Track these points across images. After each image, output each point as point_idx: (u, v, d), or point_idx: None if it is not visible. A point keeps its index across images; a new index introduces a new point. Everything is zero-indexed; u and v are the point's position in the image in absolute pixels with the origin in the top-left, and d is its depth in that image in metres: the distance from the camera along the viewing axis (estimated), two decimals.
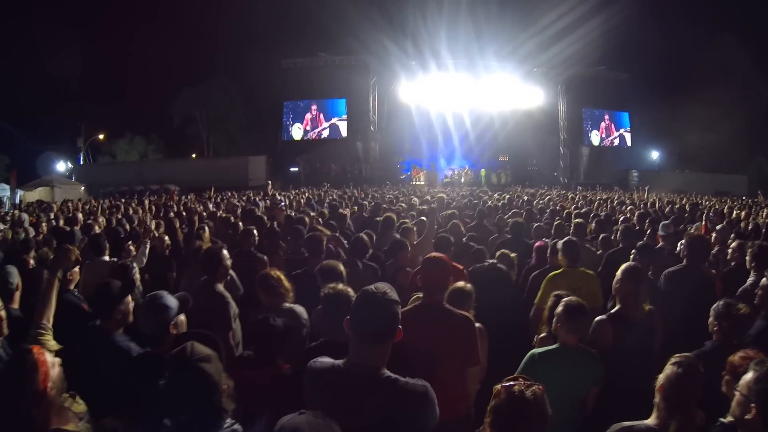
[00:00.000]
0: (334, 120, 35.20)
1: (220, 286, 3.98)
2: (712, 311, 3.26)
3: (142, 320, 2.82)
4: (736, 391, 2.15)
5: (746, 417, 2.06)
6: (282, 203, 12.64)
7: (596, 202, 13.57)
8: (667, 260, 5.33)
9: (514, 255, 5.27)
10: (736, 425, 2.14)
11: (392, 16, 31.29)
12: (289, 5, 34.13)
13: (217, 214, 9.12)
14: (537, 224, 7.27)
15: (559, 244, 4.82)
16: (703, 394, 2.30)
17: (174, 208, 11.27)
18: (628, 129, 38.95)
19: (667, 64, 39.46)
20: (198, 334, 2.34)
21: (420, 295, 3.17)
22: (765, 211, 11.16)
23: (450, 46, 31.57)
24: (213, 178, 24.64)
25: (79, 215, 9.43)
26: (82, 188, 28.19)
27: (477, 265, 4.94)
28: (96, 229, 7.50)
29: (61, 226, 8.04)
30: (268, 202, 13.14)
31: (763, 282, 3.71)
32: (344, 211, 8.64)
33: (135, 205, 12.68)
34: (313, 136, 35.46)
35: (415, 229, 6.54)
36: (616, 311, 3.58)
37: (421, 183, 30.96)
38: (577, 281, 4.45)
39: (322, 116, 35.28)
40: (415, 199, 12.92)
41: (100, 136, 39.32)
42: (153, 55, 38.18)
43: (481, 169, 33.36)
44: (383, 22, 30.70)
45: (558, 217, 8.29)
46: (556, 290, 3.73)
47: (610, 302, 4.23)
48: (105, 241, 5.52)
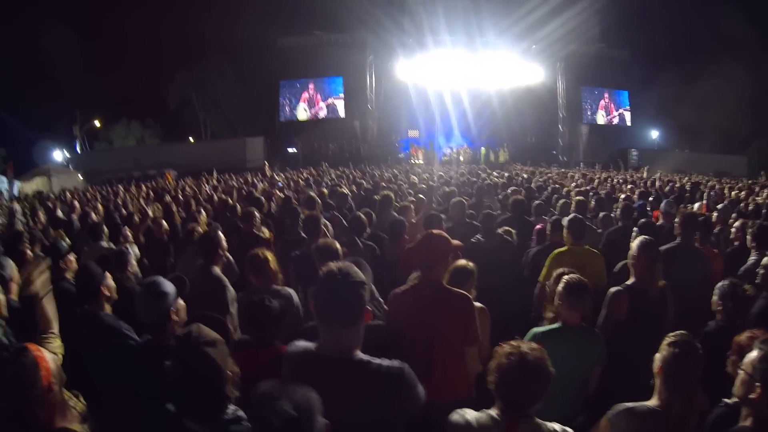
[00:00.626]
0: (332, 99, 34.84)
1: (217, 270, 3.96)
2: (716, 290, 3.24)
3: (141, 308, 2.74)
4: (740, 370, 2.12)
5: (750, 396, 2.04)
6: (280, 184, 12.59)
7: (596, 180, 13.51)
8: (667, 238, 5.31)
9: (515, 232, 5.29)
10: (741, 405, 2.12)
11: None
12: None
13: (214, 198, 9.07)
14: (537, 202, 7.24)
15: (565, 221, 4.78)
16: (705, 373, 2.29)
17: (171, 193, 11.21)
18: (628, 108, 38.60)
19: (667, 42, 38.96)
20: (207, 316, 2.31)
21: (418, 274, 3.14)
22: (766, 191, 11.12)
23: (448, 23, 31.07)
24: (211, 161, 24.46)
25: (77, 204, 9.37)
26: (80, 176, 27.99)
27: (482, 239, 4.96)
28: (93, 216, 7.48)
29: (59, 216, 8.00)
30: (266, 184, 13.07)
31: (765, 261, 3.69)
32: (343, 189, 8.57)
33: (128, 191, 12.62)
34: (311, 116, 35.19)
35: (412, 207, 6.50)
36: (632, 283, 3.54)
37: (420, 161, 30.79)
38: (582, 259, 4.42)
39: (319, 95, 34.93)
40: (414, 177, 12.87)
41: (96, 123, 39.05)
42: (147, 38, 37.58)
43: (480, 147, 33.18)
44: None
45: (557, 195, 8.27)
46: (560, 267, 3.67)
47: (612, 279, 4.21)
48: (102, 227, 5.55)
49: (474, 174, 14.89)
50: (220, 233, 4.21)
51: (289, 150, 33.02)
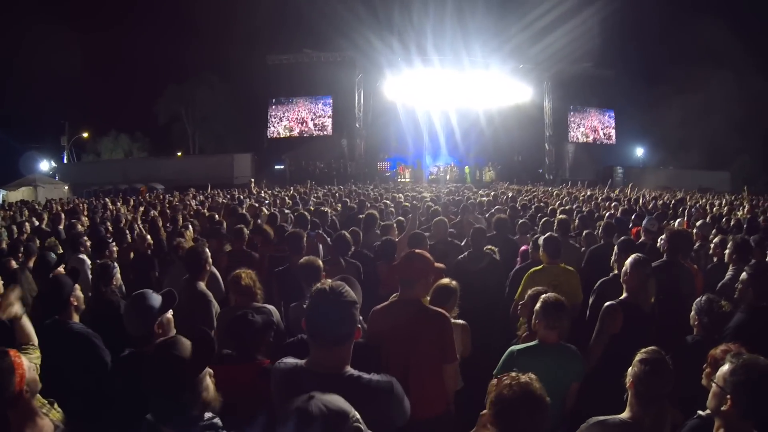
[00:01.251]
0: (320, 117, 35.02)
1: (202, 285, 3.96)
2: (694, 306, 3.30)
3: (127, 321, 2.75)
4: (713, 383, 2.17)
5: (722, 408, 2.08)
6: (266, 201, 12.58)
7: (580, 198, 13.66)
8: (649, 255, 5.37)
9: (497, 249, 5.34)
10: (713, 416, 2.17)
11: (378, 11, 31.11)
12: (275, 1, 33.90)
13: (201, 212, 9.05)
14: (522, 221, 7.31)
15: (540, 240, 4.84)
16: (682, 386, 2.33)
17: (158, 207, 11.16)
18: (613, 126, 39.28)
19: (652, 62, 39.88)
20: (195, 330, 2.32)
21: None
22: (746, 206, 11.33)
23: (436, 42, 31.49)
24: (198, 176, 24.43)
25: (62, 215, 9.30)
26: (66, 187, 27.76)
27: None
28: (78, 227, 7.43)
29: (43, 227, 7.94)
30: (252, 201, 13.05)
31: (743, 276, 3.76)
32: (325, 208, 8.59)
33: (118, 204, 12.54)
34: (299, 134, 35.27)
35: (395, 226, 6.54)
36: (625, 298, 3.58)
37: (407, 180, 30.92)
38: (557, 277, 4.47)
39: (308, 113, 35.10)
40: (400, 195, 12.92)
41: (84, 135, 38.80)
42: (138, 53, 37.79)
43: (466, 167, 33.42)
44: (369, 18, 30.54)
45: (541, 213, 8.36)
46: (535, 286, 3.71)
47: (592, 297, 4.26)
48: (83, 240, 5.54)
49: (460, 193, 14.98)
50: (207, 249, 4.21)
51: (277, 167, 33.03)
